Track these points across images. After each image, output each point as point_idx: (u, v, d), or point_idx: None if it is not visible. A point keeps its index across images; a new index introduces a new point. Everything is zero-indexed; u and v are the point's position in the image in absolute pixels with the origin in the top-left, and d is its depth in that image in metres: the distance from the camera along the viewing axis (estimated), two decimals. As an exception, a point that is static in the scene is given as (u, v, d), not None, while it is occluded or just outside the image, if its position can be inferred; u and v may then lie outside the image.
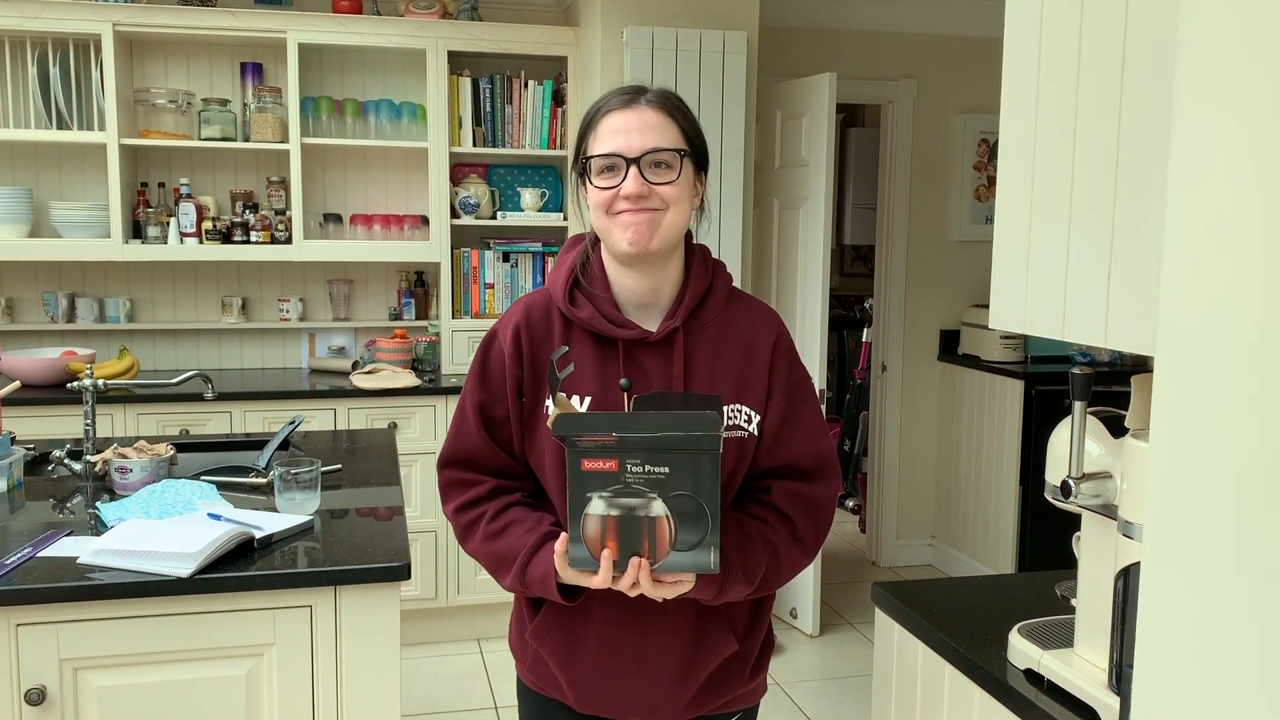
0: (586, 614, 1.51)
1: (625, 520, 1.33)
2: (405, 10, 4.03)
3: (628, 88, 1.50)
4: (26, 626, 1.77)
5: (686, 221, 1.50)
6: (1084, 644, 1.41)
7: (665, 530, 1.32)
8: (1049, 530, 4.38)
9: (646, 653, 1.51)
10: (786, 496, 1.52)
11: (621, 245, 1.45)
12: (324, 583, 1.88)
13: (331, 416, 3.78)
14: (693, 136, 1.51)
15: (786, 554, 1.50)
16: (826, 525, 1.55)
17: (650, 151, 1.43)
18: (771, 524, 1.51)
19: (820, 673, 3.80)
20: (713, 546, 1.33)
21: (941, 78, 4.80)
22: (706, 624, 1.53)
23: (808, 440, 1.54)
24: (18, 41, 3.82)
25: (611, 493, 1.32)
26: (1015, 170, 1.39)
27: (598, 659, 1.52)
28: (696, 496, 1.31)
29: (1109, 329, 1.21)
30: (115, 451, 2.39)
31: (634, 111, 1.45)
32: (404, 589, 3.75)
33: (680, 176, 1.46)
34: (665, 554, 1.33)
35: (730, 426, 1.49)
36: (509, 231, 4.30)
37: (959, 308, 4.92)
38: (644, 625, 1.51)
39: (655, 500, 1.32)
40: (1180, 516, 0.86)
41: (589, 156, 1.47)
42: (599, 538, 1.34)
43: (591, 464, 1.31)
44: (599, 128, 1.47)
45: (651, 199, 1.43)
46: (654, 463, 1.30)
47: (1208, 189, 0.82)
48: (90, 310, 4.03)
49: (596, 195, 1.46)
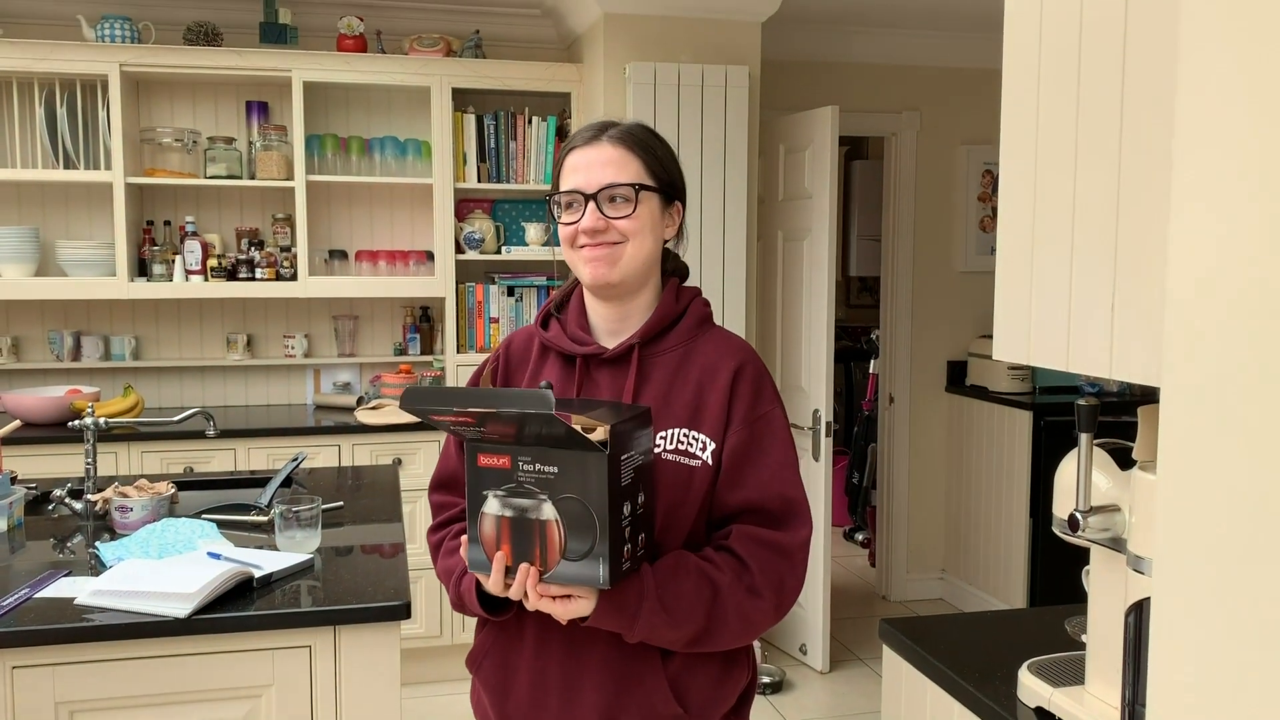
0: (519, 639, 1.49)
1: (518, 522, 1.29)
2: (410, 48, 4.06)
3: (596, 124, 1.53)
4: (22, 669, 1.75)
5: (650, 253, 1.50)
6: (1095, 681, 1.38)
7: (555, 535, 1.28)
8: (1061, 562, 4.33)
9: (575, 685, 1.46)
10: (743, 539, 1.43)
11: (585, 278, 1.50)
12: (323, 622, 1.85)
13: (336, 453, 3.77)
14: (658, 169, 1.51)
15: (732, 599, 1.39)
16: (794, 577, 1.44)
17: (606, 187, 1.46)
18: (718, 565, 1.41)
19: (831, 710, 3.74)
20: (602, 558, 1.26)
21: (944, 109, 4.81)
22: (638, 670, 1.44)
23: (773, 479, 1.45)
24: (25, 83, 3.86)
25: (505, 492, 1.29)
26: (1016, 202, 1.38)
27: (528, 690, 1.48)
28: (584, 499, 1.26)
29: (1114, 360, 1.19)
30: (116, 490, 2.38)
31: (595, 148, 1.48)
32: (407, 627, 3.72)
33: (637, 210, 1.47)
34: (556, 561, 1.28)
35: (679, 451, 1.45)
36: (513, 266, 4.30)
37: (966, 339, 4.90)
38: (574, 652, 1.45)
39: (545, 502, 1.28)
40: (1190, 550, 0.84)
41: (553, 194, 1.52)
42: (494, 539, 1.32)
43: (486, 459, 1.29)
44: (564, 165, 1.51)
45: (609, 233, 1.46)
46: (544, 460, 1.27)
47: (1211, 218, 0.80)
48: (96, 348, 4.04)
49: (562, 231, 1.51)
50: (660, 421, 1.46)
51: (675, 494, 1.44)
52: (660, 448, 1.45)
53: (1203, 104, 0.80)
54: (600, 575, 1.27)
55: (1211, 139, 0.80)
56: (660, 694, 1.44)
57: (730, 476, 1.45)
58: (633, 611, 1.35)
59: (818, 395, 3.98)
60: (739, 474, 1.45)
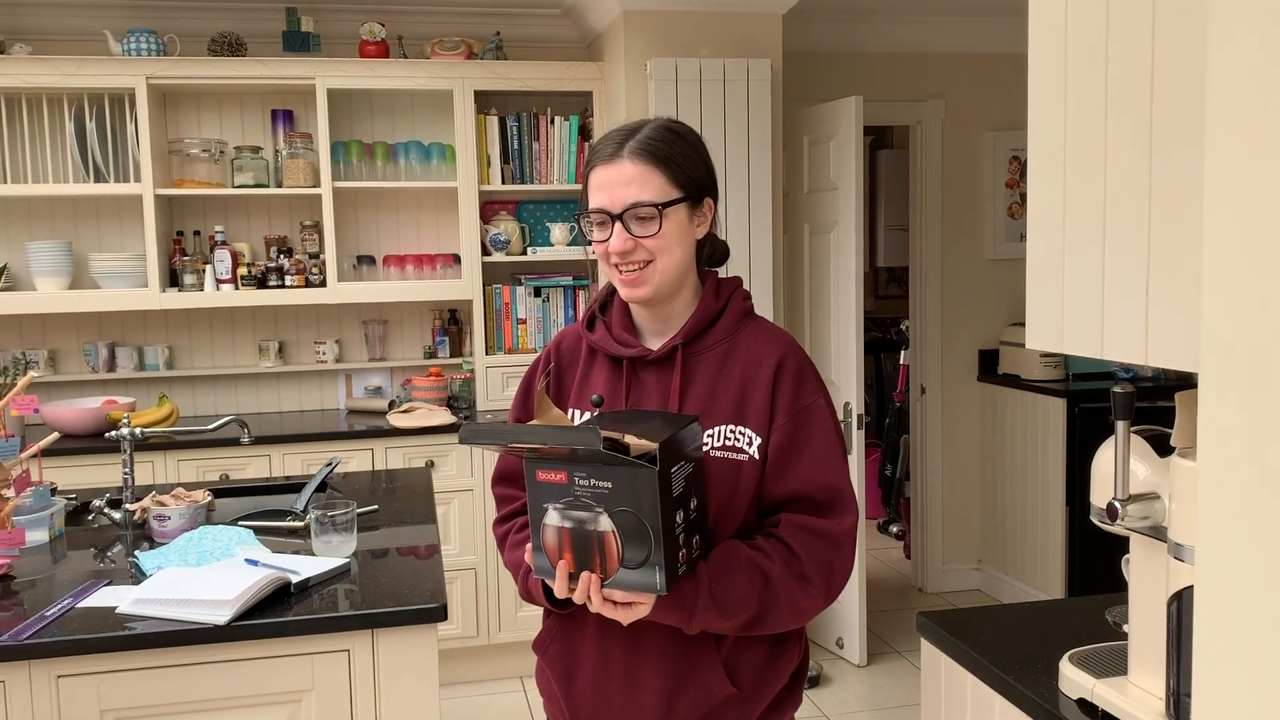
0: (583, 627, 1.55)
1: (577, 533, 1.35)
2: (431, 53, 4.08)
3: (617, 134, 1.52)
4: (67, 678, 1.77)
5: (681, 262, 1.52)
6: (1138, 671, 1.37)
7: (613, 545, 1.33)
8: (1098, 551, 4.28)
9: (636, 672, 1.51)
10: (792, 528, 1.47)
11: (621, 294, 1.55)
12: (361, 626, 1.86)
13: (370, 457, 3.79)
14: (682, 176, 1.50)
15: (784, 587, 1.43)
16: (843, 563, 1.48)
17: (631, 207, 1.47)
18: (769, 554, 1.45)
19: (869, 703, 3.72)
20: (658, 566, 1.31)
21: (969, 96, 4.77)
22: (695, 655, 1.49)
23: (818, 470, 1.48)
24: (55, 98, 3.91)
25: (564, 505, 1.34)
26: (1046, 187, 1.36)
27: (593, 675, 1.54)
28: (638, 513, 1.30)
29: (1149, 347, 1.17)
30: (153, 499, 2.41)
31: (615, 166, 1.48)
32: (445, 628, 3.74)
33: (663, 228, 1.48)
34: (615, 569, 1.34)
35: (727, 448, 1.48)
36: (539, 266, 4.31)
37: (997, 327, 4.85)
38: (634, 641, 1.51)
39: (602, 515, 1.33)
40: (1233, 537, 0.83)
41: (581, 213, 1.54)
42: (556, 548, 1.37)
43: (544, 475, 1.34)
44: (589, 182, 1.52)
45: (638, 252, 1.49)
46: (598, 476, 1.31)
47: (1246, 199, 0.79)
48: (130, 359, 4.09)
49: (596, 248, 1.53)
50: (707, 418, 1.49)
51: (725, 490, 1.48)
52: (708, 445, 1.49)
53: (1235, 81, 0.79)
54: (658, 582, 1.33)
55: (1246, 116, 0.78)
56: (716, 676, 1.49)
57: (776, 468, 1.49)
58: (689, 608, 1.41)
59: (848, 388, 3.96)
60: (784, 466, 1.48)
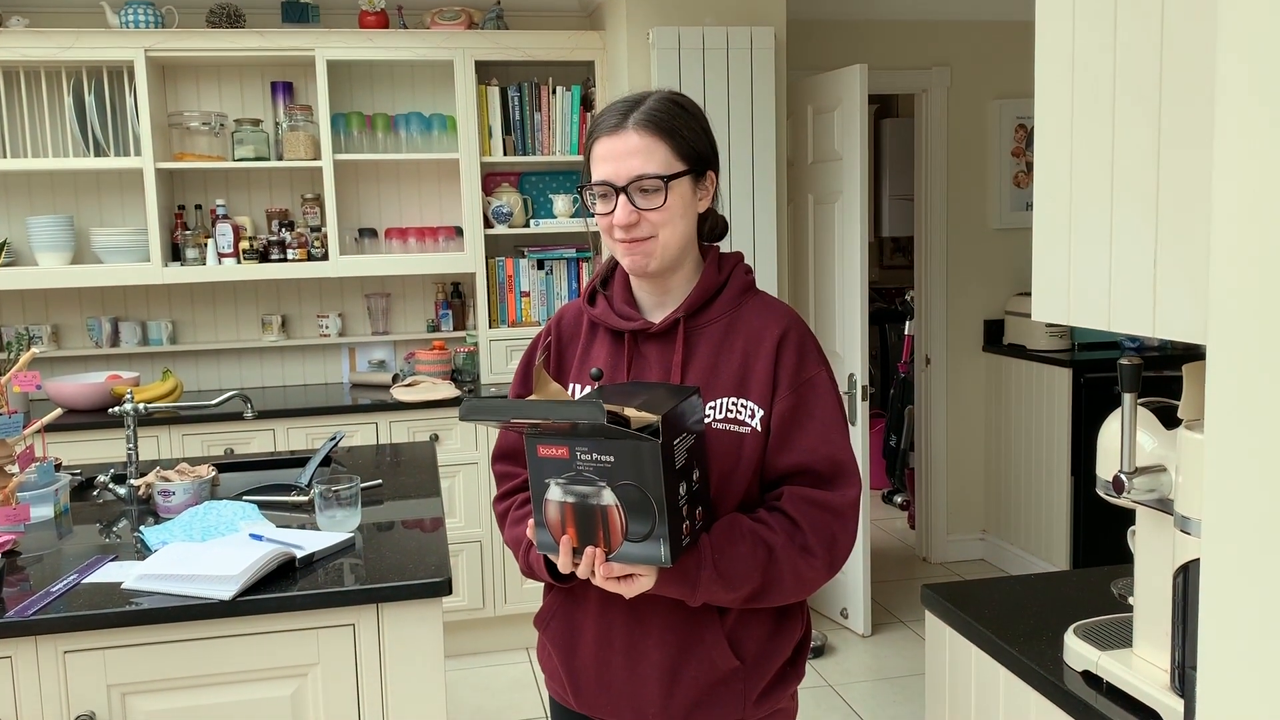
0: (585, 601, 1.55)
1: (580, 508, 1.34)
2: (431, 23, 4.04)
3: (620, 105, 1.50)
4: (74, 653, 1.78)
5: (685, 235, 1.52)
6: (1143, 644, 1.36)
7: (616, 519, 1.33)
8: (1103, 521, 4.29)
9: (638, 646, 1.52)
10: (794, 500, 1.47)
11: (624, 266, 1.54)
12: (366, 601, 1.87)
13: (374, 430, 3.79)
14: (686, 149, 1.49)
15: (787, 559, 1.43)
16: (846, 535, 1.48)
17: (635, 180, 1.46)
18: (772, 526, 1.45)
19: (873, 673, 3.74)
20: (662, 539, 1.31)
21: (974, 64, 4.72)
22: (698, 629, 1.50)
23: (820, 442, 1.48)
24: (53, 72, 3.88)
25: (566, 479, 1.34)
26: (1053, 157, 1.34)
27: (594, 649, 1.55)
28: (641, 486, 1.30)
29: (1157, 318, 1.16)
30: (158, 475, 2.41)
31: (619, 137, 1.47)
32: (450, 600, 3.76)
33: (668, 199, 1.47)
34: (619, 543, 1.34)
35: (729, 420, 1.48)
36: (543, 239, 4.29)
37: (1002, 297, 4.83)
38: (636, 614, 1.51)
39: (605, 489, 1.32)
40: (1240, 510, 0.82)
41: (584, 185, 1.53)
42: (559, 523, 1.37)
43: (545, 450, 1.34)
44: (592, 153, 1.51)
45: (641, 225, 1.48)
46: (600, 450, 1.31)
47: (1257, 167, 0.78)
48: (133, 334, 4.08)
49: (599, 220, 1.52)
50: (709, 391, 1.49)
51: (727, 462, 1.48)
52: (710, 417, 1.48)
53: (1247, 43, 0.77)
54: (662, 554, 1.32)
55: (1258, 81, 0.77)
56: (719, 649, 1.50)
57: (779, 441, 1.49)
58: (693, 580, 1.41)
59: (852, 359, 3.95)
60: (787, 438, 1.48)
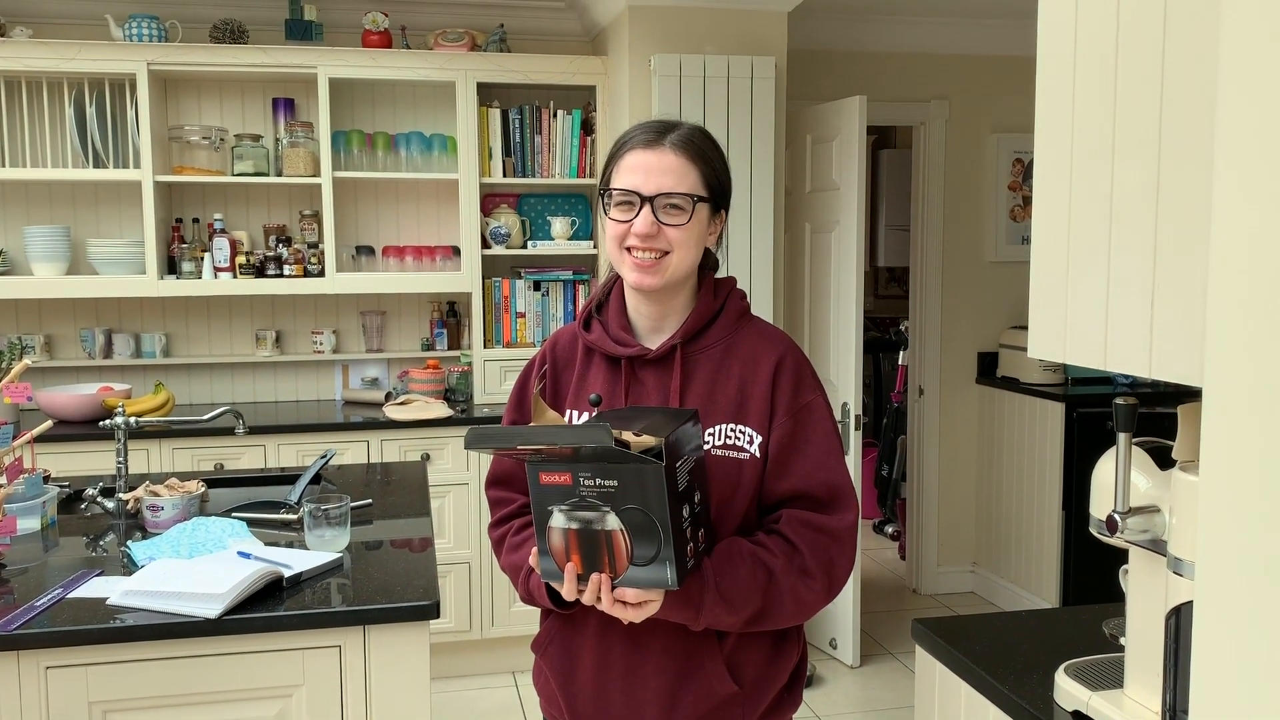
0: (584, 626, 1.54)
1: (584, 534, 1.34)
2: (434, 43, 4.06)
3: (656, 124, 1.53)
4: (56, 669, 1.76)
5: (694, 261, 1.53)
6: (1134, 685, 1.36)
7: (622, 544, 1.33)
8: (1094, 557, 4.28)
9: (637, 671, 1.51)
10: (793, 523, 1.48)
11: (629, 280, 1.53)
12: (353, 622, 1.85)
13: (365, 448, 3.78)
14: (713, 179, 1.53)
15: (787, 582, 1.44)
16: (844, 559, 1.48)
17: (664, 194, 1.47)
18: (771, 549, 1.45)
19: (862, 705, 3.72)
20: (668, 561, 1.31)
21: (973, 98, 4.75)
22: (698, 654, 1.49)
23: (818, 467, 1.49)
24: (55, 82, 3.88)
25: (569, 506, 1.34)
26: (1051, 193, 1.34)
27: (593, 674, 1.54)
28: (645, 510, 1.30)
29: (1154, 359, 1.16)
30: (147, 489, 2.39)
31: (655, 152, 1.49)
32: (438, 622, 3.73)
33: (691, 220, 1.49)
34: (624, 568, 1.34)
35: (728, 446, 1.49)
36: (540, 260, 4.29)
37: (996, 329, 4.84)
38: (636, 639, 1.50)
39: (609, 514, 1.32)
40: (1234, 554, 0.81)
41: (609, 189, 1.52)
42: (563, 550, 1.36)
43: (548, 477, 1.33)
44: (621, 162, 1.51)
45: (660, 239, 1.48)
46: (603, 475, 1.31)
47: (1256, 209, 0.78)
48: (127, 346, 4.07)
49: (612, 227, 1.51)
50: (707, 417, 1.50)
51: (726, 488, 1.48)
52: (709, 444, 1.49)
53: (1247, 88, 0.78)
54: (669, 577, 1.33)
55: (1257, 123, 0.77)
56: (718, 675, 1.49)
57: (777, 466, 1.49)
58: (696, 604, 1.40)
59: (846, 388, 3.94)
60: (785, 463, 1.49)
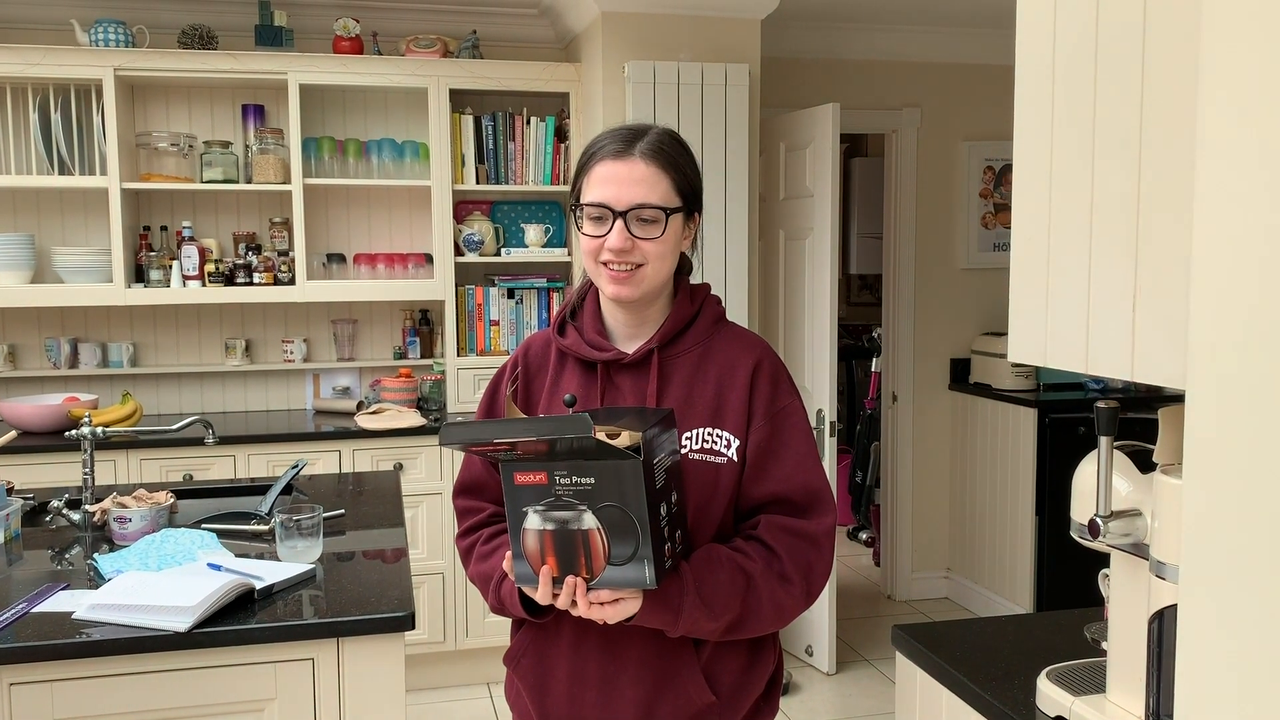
0: (557, 637, 1.52)
1: (560, 534, 1.32)
2: (406, 50, 4.03)
3: (624, 131, 1.51)
4: (20, 685, 1.72)
5: (670, 269, 1.53)
6: (1117, 690, 1.35)
7: (598, 543, 1.31)
8: (1068, 561, 4.30)
9: (613, 682, 1.49)
10: (771, 528, 1.46)
11: (605, 292, 1.51)
12: (326, 634, 1.82)
13: (337, 458, 3.73)
14: (685, 186, 1.51)
15: (766, 587, 1.42)
16: (822, 563, 1.47)
17: (637, 207, 1.45)
18: (749, 554, 1.44)
19: (838, 712, 3.71)
20: (646, 560, 1.29)
21: (945, 106, 4.78)
22: (675, 664, 1.47)
23: (796, 470, 1.48)
24: (19, 88, 3.82)
25: (545, 506, 1.32)
26: (1031, 197, 1.34)
27: (567, 686, 1.51)
28: (623, 506, 1.28)
29: (1135, 363, 1.16)
30: (114, 501, 2.35)
31: (625, 163, 1.47)
32: (411, 633, 3.68)
33: (665, 232, 1.47)
34: (601, 568, 1.32)
35: (705, 450, 1.48)
36: (513, 268, 4.27)
37: (969, 336, 4.87)
38: (611, 649, 1.48)
39: (585, 512, 1.30)
40: (1217, 557, 0.81)
41: (579, 203, 1.50)
42: (539, 552, 1.34)
43: (523, 477, 1.31)
44: (592, 173, 1.49)
45: (634, 253, 1.47)
46: (580, 473, 1.29)
47: (1237, 212, 0.78)
48: (93, 355, 4.00)
49: (586, 241, 1.49)
50: (684, 422, 1.48)
51: (703, 492, 1.47)
52: (686, 448, 1.47)
53: (1227, 92, 0.77)
54: (647, 576, 1.31)
55: (1236, 130, 0.77)
56: (695, 684, 1.48)
57: (755, 471, 1.48)
58: (675, 607, 1.38)
59: (821, 394, 3.95)
60: (763, 468, 1.48)
